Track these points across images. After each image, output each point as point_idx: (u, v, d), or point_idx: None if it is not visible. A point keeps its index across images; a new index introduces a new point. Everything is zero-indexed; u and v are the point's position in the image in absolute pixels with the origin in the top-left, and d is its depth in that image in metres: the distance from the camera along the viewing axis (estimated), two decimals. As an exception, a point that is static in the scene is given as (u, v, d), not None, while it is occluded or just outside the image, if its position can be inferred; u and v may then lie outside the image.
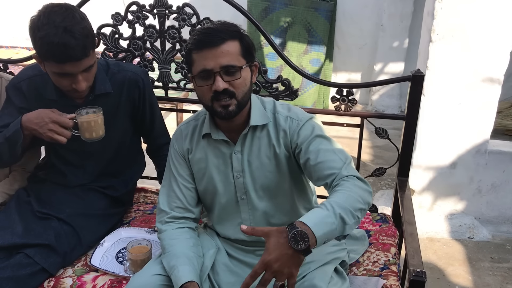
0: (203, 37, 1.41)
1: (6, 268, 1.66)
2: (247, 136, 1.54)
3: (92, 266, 1.78)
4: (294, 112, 1.55)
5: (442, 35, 2.56)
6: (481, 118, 2.72)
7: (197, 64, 1.43)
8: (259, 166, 1.55)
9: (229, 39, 1.41)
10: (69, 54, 1.56)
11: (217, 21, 1.50)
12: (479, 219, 2.96)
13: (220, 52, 1.40)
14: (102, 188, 1.97)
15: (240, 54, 1.43)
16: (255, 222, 1.61)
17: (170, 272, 1.47)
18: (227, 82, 1.41)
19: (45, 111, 1.71)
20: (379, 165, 3.62)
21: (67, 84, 1.66)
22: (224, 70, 1.41)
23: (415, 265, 1.49)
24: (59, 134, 1.67)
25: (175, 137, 1.66)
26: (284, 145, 1.53)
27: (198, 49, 1.42)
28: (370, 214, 2.13)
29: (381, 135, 2.01)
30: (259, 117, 1.53)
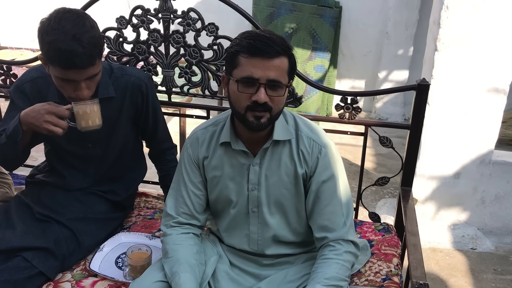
0: (259, 44, 1.35)
1: (3, 271, 1.65)
2: (268, 149, 1.51)
3: (91, 271, 1.76)
4: (316, 133, 1.53)
5: (448, 44, 2.54)
6: (485, 128, 2.70)
7: (243, 68, 1.38)
8: (276, 182, 1.52)
9: (282, 55, 1.37)
10: (75, 62, 1.55)
11: (266, 30, 1.44)
12: (482, 230, 2.94)
13: (272, 65, 1.35)
14: (102, 193, 1.96)
15: (287, 72, 1.40)
16: (262, 236, 1.59)
17: (171, 278, 1.45)
18: (269, 96, 1.38)
19: (41, 104, 1.67)
20: (382, 173, 3.61)
21: (70, 90, 1.65)
22: (269, 84, 1.37)
23: (418, 277, 1.48)
24: (55, 125, 1.64)
25: (190, 142, 1.60)
26: (305, 168, 1.51)
27: (250, 55, 1.36)
28: (372, 224, 2.11)
29: (385, 144, 1.99)
30: (282, 132, 1.50)
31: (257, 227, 1.58)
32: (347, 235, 1.48)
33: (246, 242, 1.61)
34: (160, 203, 2.25)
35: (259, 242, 1.59)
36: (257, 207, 1.55)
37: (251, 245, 1.60)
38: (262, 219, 1.57)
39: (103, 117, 1.83)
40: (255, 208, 1.56)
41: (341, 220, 1.49)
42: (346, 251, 1.47)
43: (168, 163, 2.06)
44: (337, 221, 1.48)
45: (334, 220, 1.48)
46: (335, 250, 1.47)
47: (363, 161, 2.13)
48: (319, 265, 1.46)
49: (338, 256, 1.45)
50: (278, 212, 1.56)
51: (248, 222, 1.58)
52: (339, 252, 1.46)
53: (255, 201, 1.55)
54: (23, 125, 1.67)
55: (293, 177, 1.51)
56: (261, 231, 1.58)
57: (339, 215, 1.48)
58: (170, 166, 2.06)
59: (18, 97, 1.81)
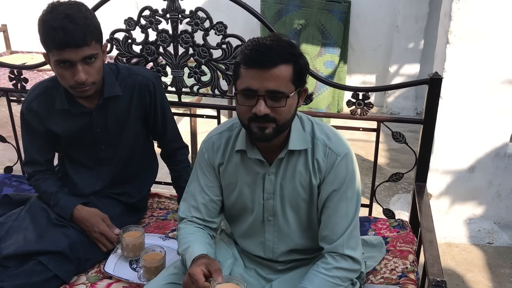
0: (255, 55, 1.29)
1: (19, 275, 1.67)
2: (283, 159, 1.46)
3: (105, 273, 1.76)
4: (333, 141, 1.46)
5: (460, 37, 2.51)
6: (500, 120, 2.66)
7: (242, 80, 1.33)
8: (291, 192, 1.49)
9: (282, 63, 1.30)
10: (68, 39, 1.58)
11: (272, 36, 1.37)
12: (499, 224, 2.89)
13: (270, 75, 1.29)
14: (116, 195, 1.97)
15: (290, 80, 1.33)
16: (278, 244, 1.56)
17: (184, 253, 1.46)
18: (270, 107, 1.32)
19: (97, 218, 1.84)
20: (395, 168, 3.58)
21: (68, 76, 1.67)
22: (269, 95, 1.31)
23: (435, 274, 1.46)
24: (103, 244, 1.84)
25: (206, 147, 1.56)
26: (319, 177, 1.46)
27: (247, 66, 1.31)
28: (387, 220, 2.08)
29: (398, 140, 1.97)
30: (298, 141, 1.44)
31: (273, 235, 1.56)
32: (343, 249, 1.43)
33: (261, 249, 1.59)
34: (173, 204, 2.25)
35: (275, 250, 1.57)
36: (273, 216, 1.53)
37: (266, 253, 1.59)
38: (278, 227, 1.54)
39: (114, 118, 1.85)
40: (270, 217, 1.53)
41: (342, 232, 1.44)
42: (336, 267, 1.43)
43: (180, 163, 2.06)
44: (338, 233, 1.44)
45: (336, 231, 1.44)
46: (326, 264, 1.44)
47: (376, 157, 2.11)
48: (306, 277, 1.45)
49: (326, 272, 1.43)
50: (294, 221, 1.53)
51: (263, 230, 1.56)
52: (329, 267, 1.43)
53: (270, 210, 1.52)
54: (73, 219, 1.83)
55: (308, 187, 1.47)
56: (277, 239, 1.56)
57: (341, 227, 1.44)
58: (182, 167, 2.06)
59: (31, 117, 1.86)
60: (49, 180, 1.91)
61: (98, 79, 1.74)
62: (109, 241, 1.84)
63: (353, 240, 1.46)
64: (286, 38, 1.37)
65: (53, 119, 1.85)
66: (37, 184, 1.91)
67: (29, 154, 1.92)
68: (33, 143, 1.90)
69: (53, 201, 1.86)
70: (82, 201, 1.88)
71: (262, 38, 1.35)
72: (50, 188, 1.88)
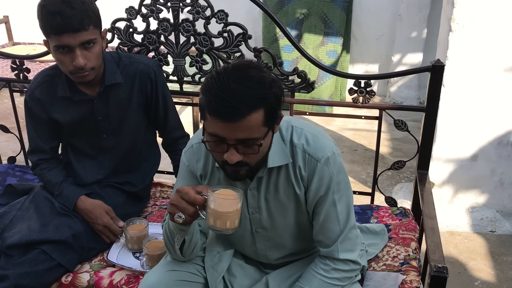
0: (220, 106, 1.15)
1: (23, 263, 1.68)
2: (262, 177, 1.40)
3: (109, 262, 1.78)
4: (312, 146, 1.36)
5: (463, 24, 2.49)
6: (503, 108, 2.64)
7: (209, 124, 1.21)
8: (276, 205, 1.43)
9: (252, 112, 1.17)
10: (65, 23, 1.59)
11: (238, 69, 1.20)
12: (502, 212, 2.89)
13: (238, 126, 1.17)
14: (119, 184, 1.97)
15: (262, 124, 1.21)
16: (270, 251, 1.55)
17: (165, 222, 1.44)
18: (242, 154, 1.23)
19: (101, 211, 1.84)
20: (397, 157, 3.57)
21: (67, 61, 1.68)
22: (240, 143, 1.22)
23: (437, 261, 1.45)
24: (106, 236, 1.85)
25: (187, 155, 1.49)
26: (303, 185, 1.40)
27: (211, 116, 1.18)
28: (389, 208, 2.09)
29: (400, 128, 1.96)
30: (278, 156, 1.36)
31: (264, 245, 1.53)
32: (338, 254, 1.41)
33: (255, 256, 1.59)
34: (175, 193, 2.25)
35: (268, 257, 1.56)
36: (261, 228, 1.49)
37: (261, 258, 1.58)
38: (268, 238, 1.51)
39: (115, 106, 1.85)
40: (259, 229, 1.49)
41: (335, 237, 1.41)
42: (335, 269, 1.42)
43: (181, 152, 2.06)
44: (332, 238, 1.41)
45: (329, 237, 1.41)
46: (325, 265, 1.43)
47: (378, 146, 2.10)
48: (305, 277, 1.45)
49: (325, 273, 1.42)
50: (284, 230, 1.49)
51: (254, 241, 1.53)
52: (327, 268, 1.42)
53: (258, 223, 1.48)
54: (77, 210, 1.84)
55: (294, 198, 1.41)
56: (268, 248, 1.54)
57: (334, 232, 1.41)
58: (183, 156, 2.06)
59: (34, 105, 1.88)
60: (54, 170, 1.92)
61: (98, 65, 1.74)
62: (113, 234, 1.86)
63: (348, 243, 1.42)
64: (253, 69, 1.21)
65: (55, 107, 1.86)
66: (42, 173, 1.92)
67: (33, 142, 1.93)
68: (37, 131, 1.91)
69: (57, 191, 1.87)
70: (86, 192, 1.88)
71: (228, 74, 1.18)
72: (55, 178, 1.89)
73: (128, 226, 1.83)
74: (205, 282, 1.53)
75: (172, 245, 1.43)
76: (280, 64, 1.98)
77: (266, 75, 1.22)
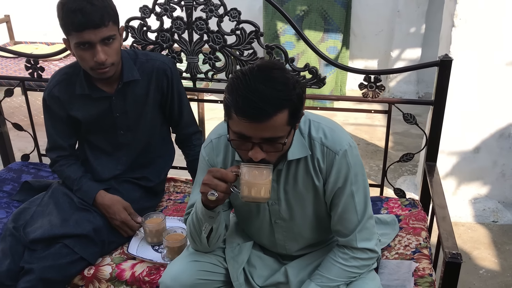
0: (248, 108, 1.20)
1: (47, 257, 1.73)
2: (282, 169, 1.45)
3: (129, 254, 1.82)
4: (330, 139, 1.42)
5: (465, 20, 2.55)
6: (504, 101, 2.71)
7: (235, 124, 1.26)
8: (295, 196, 1.48)
9: (278, 112, 1.22)
10: (86, 20, 1.64)
11: (264, 71, 1.24)
12: (503, 203, 2.96)
13: (264, 126, 1.22)
14: (136, 179, 2.02)
15: (286, 123, 1.26)
16: (289, 242, 1.60)
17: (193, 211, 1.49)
18: (266, 152, 1.29)
19: (119, 207, 1.89)
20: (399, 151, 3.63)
21: (89, 58, 1.72)
22: (265, 142, 1.27)
23: (450, 247, 1.51)
24: (124, 231, 1.89)
25: (206, 150, 1.53)
26: (322, 177, 1.45)
27: (238, 116, 1.23)
28: (398, 200, 2.15)
29: (409, 121, 2.02)
30: (297, 149, 1.41)
31: (283, 235, 1.58)
32: (356, 243, 1.46)
33: (274, 247, 1.63)
34: (189, 187, 2.31)
35: (287, 248, 1.61)
36: (280, 219, 1.54)
37: (279, 249, 1.63)
38: (287, 229, 1.56)
39: (132, 102, 1.90)
40: (278, 220, 1.54)
41: (353, 227, 1.46)
42: (354, 257, 1.47)
43: (195, 148, 2.10)
44: (350, 228, 1.46)
45: (347, 227, 1.46)
46: (344, 254, 1.48)
47: (387, 139, 2.16)
48: (324, 265, 1.51)
49: (344, 261, 1.47)
50: (303, 221, 1.54)
51: (273, 231, 1.58)
52: (346, 257, 1.48)
53: (277, 214, 1.53)
54: (96, 205, 1.88)
55: (312, 189, 1.47)
56: (287, 239, 1.58)
57: (352, 222, 1.46)
58: (197, 151, 2.07)
59: (52, 103, 1.92)
60: (73, 166, 1.96)
61: (117, 61, 1.79)
62: (130, 229, 1.90)
63: (366, 232, 1.48)
64: (278, 70, 1.25)
65: (73, 105, 1.90)
66: (61, 169, 1.96)
67: (52, 139, 1.97)
68: (56, 128, 1.95)
69: (76, 186, 1.91)
70: (105, 187, 1.93)
71: (253, 75, 1.22)
72: (74, 173, 1.94)
73: (146, 220, 1.88)
74: (225, 273, 1.58)
75: (199, 235, 1.48)
76: (292, 61, 2.03)
77: (289, 76, 1.27)
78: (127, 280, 1.74)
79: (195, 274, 1.52)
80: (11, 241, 1.79)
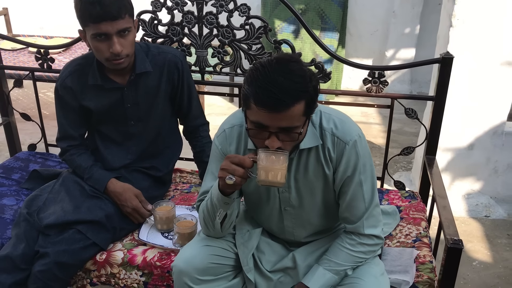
0: (267, 98, 1.27)
1: (61, 242, 1.77)
2: (294, 157, 1.51)
3: (140, 241, 1.88)
4: (340, 130, 1.48)
5: (463, 20, 2.64)
6: (498, 100, 2.80)
7: (253, 113, 1.33)
8: (305, 184, 1.54)
9: (295, 103, 1.29)
10: (104, 12, 1.70)
11: (283, 63, 1.31)
12: (495, 199, 3.06)
13: (282, 116, 1.29)
14: (145, 169, 2.07)
15: (302, 114, 1.33)
16: (297, 229, 1.65)
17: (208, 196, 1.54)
18: (282, 141, 1.35)
19: (131, 194, 1.93)
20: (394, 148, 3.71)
21: (105, 49, 1.77)
22: (281, 131, 1.34)
23: (451, 234, 1.59)
24: (135, 218, 1.94)
25: (219, 139, 1.59)
26: (332, 166, 1.51)
27: (257, 106, 1.29)
28: (398, 192, 2.23)
29: (411, 116, 2.10)
30: (309, 139, 1.47)
31: (291, 222, 1.63)
32: (363, 229, 1.53)
33: (282, 233, 1.69)
34: (195, 178, 2.36)
35: (295, 234, 1.67)
36: (290, 206, 1.60)
37: (287, 235, 1.69)
38: (295, 216, 1.62)
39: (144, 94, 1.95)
40: (288, 207, 1.60)
41: (361, 214, 1.52)
42: (360, 243, 1.54)
43: (202, 139, 2.16)
44: (357, 215, 1.53)
45: (355, 214, 1.53)
46: (351, 240, 1.55)
47: (389, 132, 2.23)
48: (331, 250, 1.57)
49: (351, 247, 1.54)
50: (311, 208, 1.60)
51: (282, 218, 1.64)
52: (354, 243, 1.54)
53: (287, 202, 1.58)
54: (107, 192, 1.93)
55: (322, 178, 1.53)
56: (295, 225, 1.64)
57: (360, 209, 1.52)
58: (204, 142, 2.16)
59: (65, 94, 1.96)
60: (84, 155, 2.01)
61: (131, 52, 1.84)
62: (141, 216, 1.95)
63: (372, 219, 1.54)
64: (295, 63, 1.32)
65: (86, 95, 1.95)
66: (72, 158, 2.01)
67: (63, 129, 2.01)
68: (67, 118, 2.00)
69: (87, 174, 1.96)
70: (115, 175, 1.98)
71: (272, 68, 1.29)
72: (85, 162, 1.98)
73: (156, 207, 1.93)
74: (236, 258, 1.64)
75: (212, 220, 1.54)
76: (299, 55, 2.09)
77: (306, 68, 1.34)
78: (138, 265, 1.79)
79: (207, 258, 1.57)
80: (25, 226, 1.83)
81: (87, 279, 1.85)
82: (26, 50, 4.01)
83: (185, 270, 1.55)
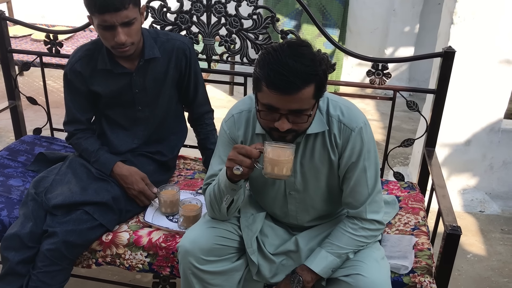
0: (278, 80, 1.31)
1: (69, 222, 1.81)
2: (300, 142, 1.55)
3: (145, 223, 1.91)
4: (347, 116, 1.53)
5: (464, 17, 2.69)
6: (496, 97, 2.86)
7: (264, 96, 1.37)
8: (311, 169, 1.58)
9: (306, 86, 1.33)
10: (107, 3, 1.73)
11: (294, 47, 1.35)
12: (490, 195, 3.12)
13: (293, 98, 1.33)
14: (151, 154, 2.10)
15: (312, 97, 1.37)
16: (301, 214, 1.70)
17: (216, 182, 1.57)
18: (292, 123, 1.39)
19: (137, 177, 1.96)
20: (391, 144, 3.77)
21: (110, 38, 1.81)
22: (291, 113, 1.38)
23: (450, 221, 1.65)
24: (140, 200, 1.97)
25: (228, 124, 1.62)
26: (337, 151, 1.55)
27: (269, 89, 1.34)
28: (398, 182, 2.28)
29: (412, 108, 2.14)
30: (315, 123, 1.51)
31: (296, 206, 1.68)
32: (366, 214, 1.57)
33: (285, 217, 1.73)
34: (198, 165, 2.40)
35: (298, 218, 1.71)
36: (294, 190, 1.63)
37: (291, 219, 1.73)
38: (300, 200, 1.65)
39: (152, 79, 1.98)
40: (292, 191, 1.64)
41: (364, 200, 1.56)
42: (362, 227, 1.58)
43: (207, 126, 2.20)
44: (360, 200, 1.56)
45: (358, 199, 1.57)
46: (353, 224, 1.59)
47: (391, 123, 2.28)
48: (333, 234, 1.61)
49: (353, 231, 1.58)
50: (316, 193, 1.63)
51: (286, 202, 1.67)
52: (356, 227, 1.58)
53: (292, 186, 1.62)
54: (114, 175, 1.96)
55: (328, 163, 1.57)
56: (299, 210, 1.68)
57: (363, 195, 1.56)
58: (208, 130, 2.20)
59: (74, 78, 1.98)
60: (90, 139, 2.04)
61: (137, 40, 1.88)
62: (146, 199, 1.98)
63: (375, 205, 1.59)
64: (305, 47, 1.36)
65: (95, 79, 1.98)
66: (79, 142, 2.04)
67: (71, 113, 2.04)
68: (75, 102, 2.03)
69: (94, 157, 1.99)
70: (121, 159, 2.01)
71: (283, 52, 1.33)
72: (91, 146, 2.01)
73: (161, 191, 1.97)
74: (240, 240, 1.68)
75: (219, 205, 1.58)
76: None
77: (316, 53, 1.39)
78: (144, 245, 1.83)
79: (212, 239, 1.62)
80: (33, 205, 1.87)
81: (93, 259, 1.88)
82: (29, 37, 4.03)
83: (191, 250, 1.59)
